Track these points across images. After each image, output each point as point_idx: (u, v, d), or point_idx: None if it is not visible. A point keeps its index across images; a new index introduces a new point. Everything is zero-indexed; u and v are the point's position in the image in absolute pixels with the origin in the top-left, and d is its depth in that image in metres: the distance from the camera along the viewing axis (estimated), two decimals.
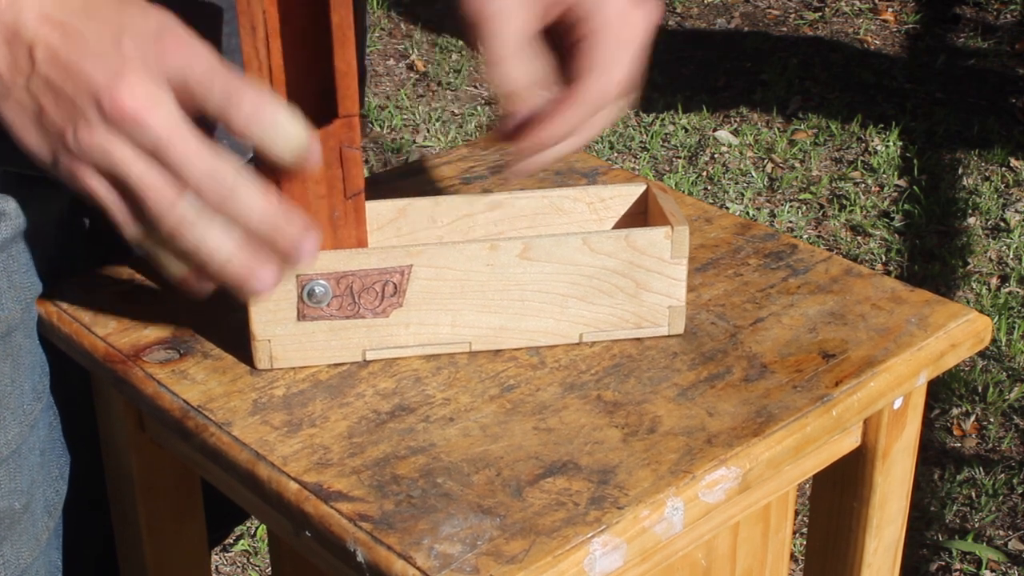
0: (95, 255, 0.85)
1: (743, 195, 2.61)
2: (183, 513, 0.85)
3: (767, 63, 3.13)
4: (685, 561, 0.84)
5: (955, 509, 1.84)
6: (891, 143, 2.76)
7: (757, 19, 3.38)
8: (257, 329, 0.73)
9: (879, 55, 3.19)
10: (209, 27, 0.80)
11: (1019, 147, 2.76)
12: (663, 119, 2.87)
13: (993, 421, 2.00)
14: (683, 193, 0.86)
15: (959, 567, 1.75)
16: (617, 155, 2.76)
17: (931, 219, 2.51)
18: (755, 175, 2.68)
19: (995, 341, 2.15)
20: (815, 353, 0.76)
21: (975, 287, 2.30)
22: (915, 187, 2.61)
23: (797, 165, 2.72)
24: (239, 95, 0.64)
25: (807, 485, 1.69)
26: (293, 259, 0.67)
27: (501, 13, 0.71)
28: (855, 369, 0.75)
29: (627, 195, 0.79)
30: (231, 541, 1.81)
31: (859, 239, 2.47)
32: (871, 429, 0.79)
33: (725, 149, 2.78)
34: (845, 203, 2.58)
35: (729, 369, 0.75)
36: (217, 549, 1.79)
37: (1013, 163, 2.70)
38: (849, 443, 0.79)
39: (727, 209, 2.33)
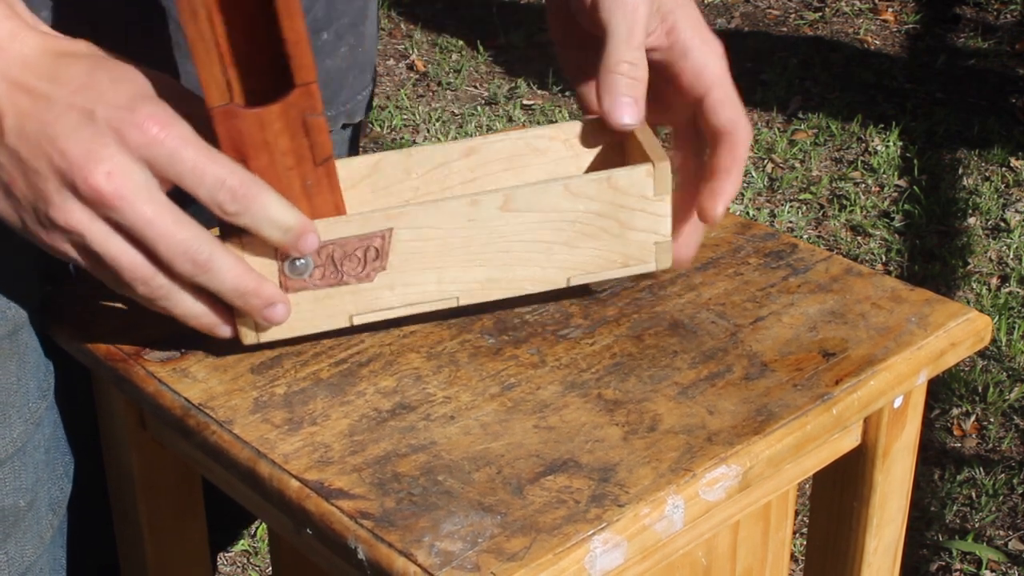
0: None
1: (743, 195, 2.62)
2: (184, 512, 0.85)
3: (767, 63, 3.13)
4: (685, 559, 0.84)
5: (955, 509, 1.84)
6: (891, 143, 2.76)
7: (757, 19, 3.38)
8: None
9: (879, 55, 3.19)
10: (158, 29, 0.79)
11: (1019, 147, 2.76)
12: None
13: (993, 421, 2.00)
14: None
15: (959, 567, 1.75)
16: None
17: (931, 219, 2.51)
18: (755, 175, 2.68)
19: (995, 341, 2.15)
20: (815, 352, 0.76)
21: (975, 287, 2.31)
22: (915, 187, 2.61)
23: (797, 165, 2.72)
24: (221, 181, 0.65)
25: (807, 484, 1.69)
26: (268, 321, 0.70)
27: (633, 27, 0.73)
28: (855, 368, 0.75)
29: (603, 130, 0.78)
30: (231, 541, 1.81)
31: (859, 239, 2.47)
32: (871, 428, 0.79)
33: None
34: (845, 203, 2.58)
35: (729, 368, 0.75)
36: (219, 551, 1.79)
37: (1013, 163, 2.70)
38: (849, 442, 0.79)
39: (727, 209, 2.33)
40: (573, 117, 2.43)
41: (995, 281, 2.33)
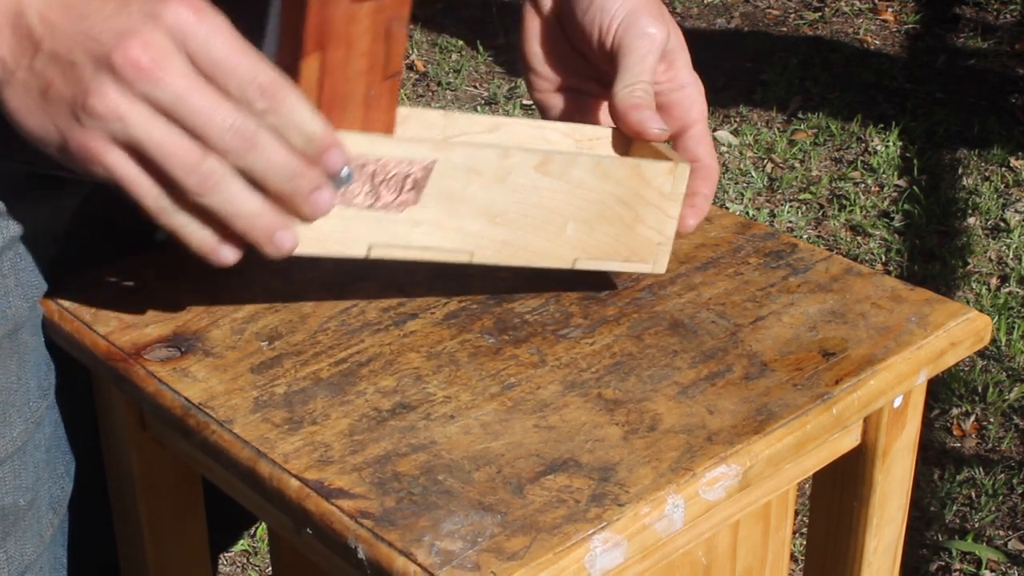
0: (103, 254, 0.85)
1: (743, 195, 2.62)
2: (184, 511, 0.85)
3: (767, 63, 3.13)
4: (685, 559, 0.84)
5: (955, 509, 1.84)
6: (891, 143, 2.76)
7: (757, 19, 3.38)
8: None
9: (879, 55, 3.19)
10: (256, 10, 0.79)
11: (1019, 147, 2.76)
12: None
13: (993, 421, 2.00)
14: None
15: (959, 567, 1.75)
16: None
17: (931, 219, 2.51)
18: (755, 175, 2.68)
19: (995, 341, 2.15)
20: (815, 351, 0.76)
21: (975, 287, 2.31)
22: (915, 187, 2.61)
23: (797, 165, 2.72)
24: (253, 76, 0.62)
25: (807, 484, 1.69)
26: (313, 208, 0.66)
27: (642, 53, 0.78)
28: (855, 367, 0.75)
29: (617, 136, 0.81)
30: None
31: (859, 239, 2.47)
32: (871, 428, 0.79)
33: (725, 149, 2.78)
34: (845, 203, 2.58)
35: (729, 367, 0.75)
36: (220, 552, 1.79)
37: (1013, 163, 2.70)
38: (849, 442, 0.79)
39: (727, 209, 2.33)
40: None
41: (995, 281, 2.33)
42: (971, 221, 2.51)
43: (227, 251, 0.66)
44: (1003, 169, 2.69)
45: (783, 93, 3.00)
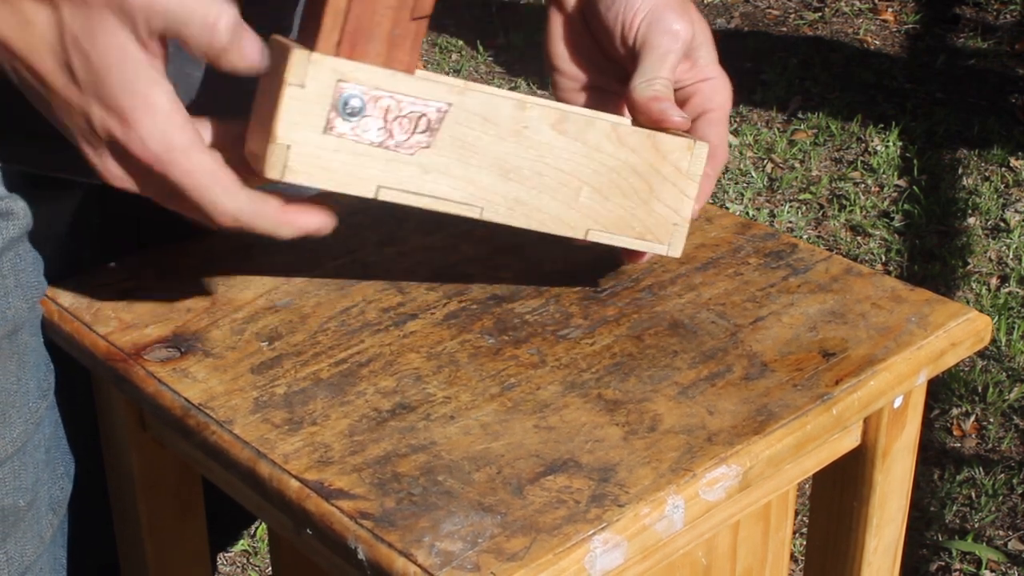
0: (103, 254, 0.85)
1: (743, 195, 2.62)
2: (184, 511, 0.85)
3: (767, 63, 3.13)
4: (685, 559, 0.84)
5: (955, 509, 1.84)
6: (891, 143, 2.76)
7: (757, 19, 3.38)
8: (280, 130, 0.67)
9: (879, 55, 3.19)
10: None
11: (1019, 147, 2.76)
12: None
13: (993, 421, 2.00)
14: None
15: (959, 567, 1.75)
16: None
17: (931, 219, 2.51)
18: (755, 175, 2.68)
19: (995, 341, 2.15)
20: (815, 352, 0.76)
21: (975, 287, 2.30)
22: (915, 187, 2.61)
23: (797, 165, 2.72)
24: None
25: (807, 484, 1.69)
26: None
27: (663, 50, 0.78)
28: (855, 368, 0.75)
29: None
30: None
31: (859, 239, 2.47)
32: (871, 428, 0.79)
33: None
34: (845, 203, 2.58)
35: (729, 368, 0.75)
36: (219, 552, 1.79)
37: (1013, 163, 2.70)
38: (849, 442, 0.79)
39: (727, 209, 2.33)
40: None
41: (995, 281, 2.33)
42: (971, 221, 2.51)
43: None
44: (1003, 169, 2.69)
45: (783, 93, 3.00)
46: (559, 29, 0.83)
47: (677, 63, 0.78)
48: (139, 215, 0.90)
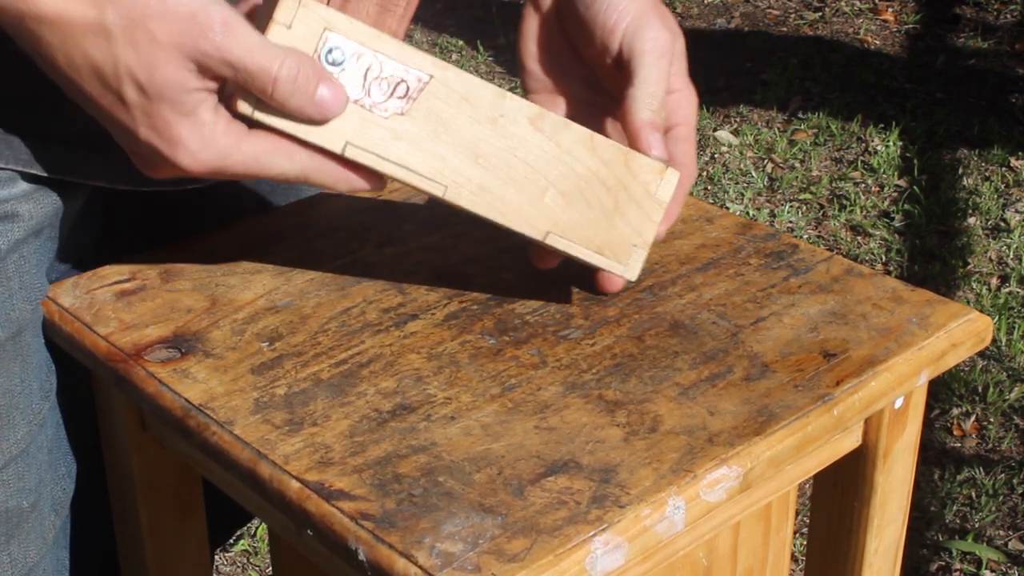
0: (106, 256, 0.85)
1: (743, 195, 2.62)
2: (184, 512, 0.85)
3: (767, 63, 3.13)
4: (686, 560, 0.84)
5: (955, 509, 1.84)
6: (891, 143, 2.76)
7: (757, 19, 3.38)
8: None
9: (879, 55, 3.19)
10: None
11: (1019, 147, 2.76)
12: None
13: (993, 421, 2.00)
14: None
15: (959, 567, 1.75)
16: None
17: (931, 219, 2.51)
18: (755, 175, 2.68)
19: (995, 341, 2.15)
20: (816, 352, 0.76)
21: (975, 287, 2.30)
22: (915, 187, 2.61)
23: (797, 165, 2.72)
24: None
25: (808, 485, 1.69)
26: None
27: (657, 60, 0.78)
28: (856, 369, 0.75)
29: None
30: (231, 541, 1.81)
31: (859, 239, 2.47)
32: (872, 429, 0.79)
33: (725, 149, 2.78)
34: (845, 203, 2.58)
35: (730, 368, 0.75)
36: (217, 549, 1.79)
37: (1013, 163, 2.70)
38: (850, 443, 0.79)
39: (727, 209, 2.33)
40: None
41: (995, 281, 2.33)
42: (971, 221, 2.51)
43: None
44: (1003, 169, 2.69)
45: (783, 93, 3.00)
46: (533, 29, 0.84)
47: (668, 71, 0.78)
48: (142, 216, 0.90)
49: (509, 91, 0.74)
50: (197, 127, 0.67)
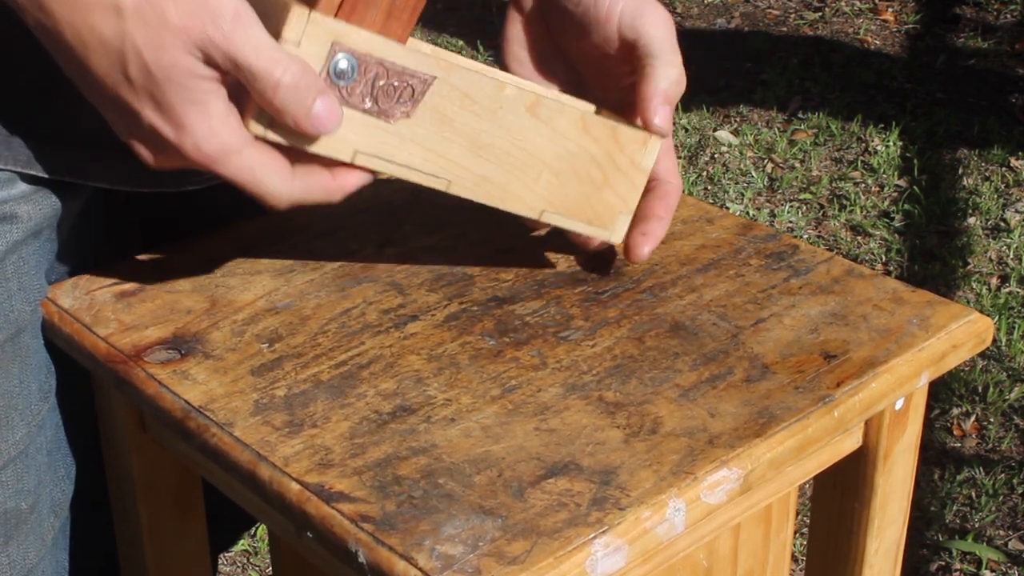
0: (106, 257, 0.85)
1: (743, 195, 2.61)
2: (184, 513, 0.85)
3: (767, 63, 3.13)
4: (686, 562, 0.84)
5: (955, 509, 1.84)
6: (891, 143, 2.76)
7: (757, 19, 3.38)
8: None
9: (879, 55, 3.19)
10: None
11: (1019, 147, 2.76)
12: None
13: (993, 421, 2.00)
14: (684, 193, 0.86)
15: (959, 567, 1.75)
16: None
17: (931, 219, 2.51)
18: (755, 175, 2.68)
19: (995, 341, 2.15)
20: (816, 354, 0.76)
21: (975, 287, 2.30)
22: (915, 187, 2.61)
23: (797, 165, 2.72)
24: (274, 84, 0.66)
25: (808, 486, 1.69)
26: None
27: (669, 38, 0.79)
28: (856, 370, 0.74)
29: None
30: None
31: (859, 239, 2.47)
32: (872, 430, 0.79)
33: (725, 149, 2.78)
34: (845, 203, 2.58)
35: (731, 370, 0.75)
36: (221, 552, 1.79)
37: (1013, 163, 2.70)
38: (850, 444, 0.79)
39: (727, 209, 2.33)
40: None
41: (995, 281, 2.33)
42: (971, 221, 2.51)
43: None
44: (1003, 169, 2.69)
45: (783, 93, 3.00)
46: (516, 31, 0.84)
47: (679, 52, 0.79)
48: (143, 217, 0.90)
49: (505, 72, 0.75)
50: (206, 117, 0.67)
